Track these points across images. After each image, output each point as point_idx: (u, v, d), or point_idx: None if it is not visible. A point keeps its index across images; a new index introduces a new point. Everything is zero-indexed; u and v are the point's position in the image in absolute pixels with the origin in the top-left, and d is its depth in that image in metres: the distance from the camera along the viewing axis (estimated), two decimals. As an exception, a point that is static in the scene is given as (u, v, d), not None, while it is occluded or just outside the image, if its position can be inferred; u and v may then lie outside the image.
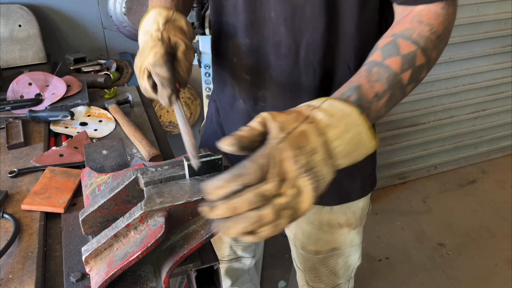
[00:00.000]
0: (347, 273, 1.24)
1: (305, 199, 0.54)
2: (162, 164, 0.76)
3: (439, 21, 0.71)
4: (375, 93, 0.65)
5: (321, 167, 0.55)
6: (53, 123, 1.25)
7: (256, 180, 0.52)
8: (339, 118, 0.58)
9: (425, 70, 0.70)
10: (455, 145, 2.87)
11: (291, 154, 0.54)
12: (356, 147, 0.59)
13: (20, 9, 1.65)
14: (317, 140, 0.56)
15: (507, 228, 2.43)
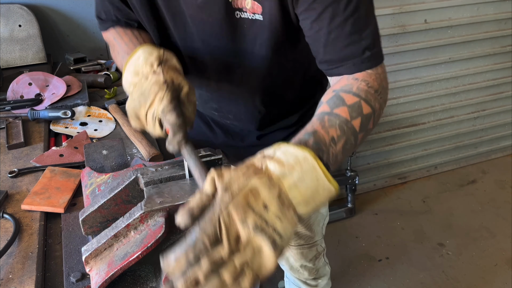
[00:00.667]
0: (319, 229, 1.33)
1: (266, 257, 0.53)
2: (162, 164, 0.77)
3: (372, 78, 0.75)
4: (331, 137, 0.66)
5: (276, 223, 0.54)
6: (53, 123, 1.24)
7: (209, 248, 0.51)
8: (292, 166, 0.57)
9: (371, 120, 0.72)
10: (455, 145, 2.87)
11: (238, 216, 0.53)
12: (315, 193, 0.58)
13: (20, 9, 1.65)
14: (269, 194, 0.55)
15: (507, 228, 2.43)
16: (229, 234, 0.52)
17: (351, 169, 2.44)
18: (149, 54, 0.81)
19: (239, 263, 0.52)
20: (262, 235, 0.52)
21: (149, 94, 0.77)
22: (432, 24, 2.35)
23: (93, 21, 1.88)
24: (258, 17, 0.83)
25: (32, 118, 1.24)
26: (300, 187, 0.57)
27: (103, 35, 1.03)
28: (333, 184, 0.59)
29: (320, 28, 0.77)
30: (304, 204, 0.57)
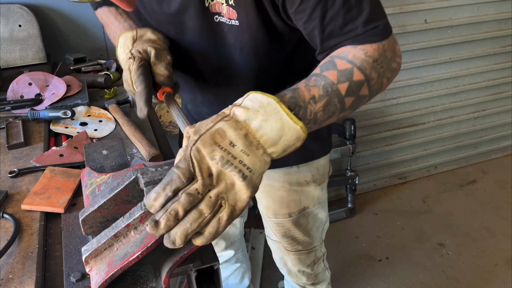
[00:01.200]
0: (318, 235, 1.35)
1: (238, 188, 0.58)
2: (162, 164, 0.76)
3: (373, 48, 0.75)
4: (311, 96, 0.68)
5: (243, 157, 0.59)
6: (53, 123, 1.24)
7: (185, 182, 0.57)
8: (257, 109, 0.62)
9: (365, 87, 0.73)
10: (455, 145, 2.87)
11: (206, 151, 0.58)
12: (282, 133, 0.62)
13: (20, 9, 1.65)
14: (234, 133, 0.60)
15: (507, 228, 2.43)
16: (201, 168, 0.58)
17: (351, 169, 2.44)
18: (125, 39, 0.91)
19: (214, 195, 0.57)
20: (231, 168, 0.58)
21: (126, 71, 0.88)
22: (432, 24, 2.35)
23: (93, 21, 1.88)
24: (234, 22, 0.84)
25: (32, 118, 1.24)
26: (265, 128, 0.61)
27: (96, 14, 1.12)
28: (298, 123, 0.62)
29: (313, 28, 0.78)
30: (272, 144, 0.61)
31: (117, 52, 0.94)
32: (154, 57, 0.87)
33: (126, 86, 0.90)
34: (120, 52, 0.93)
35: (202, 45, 0.93)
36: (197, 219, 0.56)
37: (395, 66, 0.79)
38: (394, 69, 0.79)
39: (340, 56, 0.74)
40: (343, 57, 0.74)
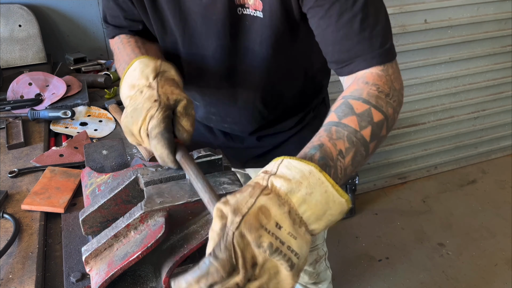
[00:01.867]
0: (320, 233, 1.31)
1: (283, 278, 0.51)
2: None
3: (382, 81, 0.73)
4: (338, 150, 0.62)
5: (291, 241, 0.51)
6: (53, 123, 1.25)
7: (224, 277, 0.49)
8: (299, 181, 0.54)
9: (385, 127, 0.70)
10: (455, 145, 2.87)
11: (252, 238, 0.50)
12: (326, 207, 0.55)
13: (20, 9, 1.65)
14: (279, 212, 0.52)
15: (507, 228, 2.43)
16: (245, 258, 0.50)
17: (351, 169, 2.44)
18: (145, 66, 0.78)
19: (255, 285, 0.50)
20: (279, 256, 0.50)
21: (141, 111, 0.74)
22: (432, 24, 2.35)
23: (93, 21, 1.88)
24: (258, 14, 0.83)
25: (32, 118, 1.24)
26: (309, 202, 0.54)
27: (110, 44, 1.04)
28: (344, 196, 0.56)
29: (327, 25, 0.76)
30: (316, 220, 0.54)
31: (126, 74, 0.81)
32: (183, 108, 0.76)
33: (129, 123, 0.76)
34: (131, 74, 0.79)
35: (220, 40, 0.89)
36: None
37: (401, 99, 0.77)
38: (401, 102, 0.77)
39: (354, 96, 0.70)
40: (357, 97, 0.70)
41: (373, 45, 0.75)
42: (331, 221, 0.56)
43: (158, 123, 0.72)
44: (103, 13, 1.02)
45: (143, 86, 0.77)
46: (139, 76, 0.78)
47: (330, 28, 0.76)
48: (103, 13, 1.02)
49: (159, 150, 0.72)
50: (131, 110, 0.76)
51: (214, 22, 0.87)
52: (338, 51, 0.78)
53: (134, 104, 0.76)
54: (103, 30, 1.91)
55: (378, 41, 0.75)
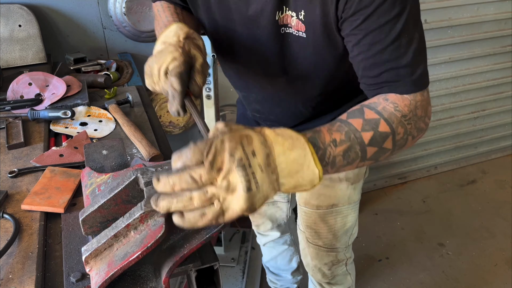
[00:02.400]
0: (344, 238, 1.35)
1: (236, 198, 0.56)
2: (162, 164, 0.76)
3: (404, 103, 0.75)
4: (332, 139, 0.67)
5: (257, 171, 0.57)
6: (53, 123, 1.24)
7: (193, 162, 0.56)
8: (285, 138, 0.61)
9: (389, 140, 0.72)
10: (455, 145, 2.87)
11: (229, 145, 0.57)
12: (300, 168, 0.60)
13: (20, 9, 1.65)
14: (260, 146, 0.58)
15: (507, 228, 2.43)
16: (215, 159, 0.56)
17: (351, 169, 2.44)
18: (179, 29, 0.88)
19: (211, 193, 0.56)
20: (242, 172, 0.56)
21: (166, 53, 0.83)
22: (432, 24, 2.35)
23: (93, 21, 1.88)
24: (301, 34, 0.88)
25: (32, 118, 1.24)
26: (287, 156, 0.60)
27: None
28: (318, 166, 0.61)
29: (359, 53, 0.80)
30: (287, 175, 0.60)
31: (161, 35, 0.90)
32: (199, 65, 0.86)
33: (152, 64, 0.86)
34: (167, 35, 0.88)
35: (265, 51, 0.96)
36: (184, 202, 0.56)
37: (423, 126, 0.79)
38: (421, 128, 0.79)
39: (369, 106, 0.74)
40: (372, 107, 0.74)
41: (400, 75, 0.77)
42: (299, 185, 0.61)
43: (179, 64, 0.82)
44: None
45: (172, 41, 0.86)
46: (172, 35, 0.87)
47: (361, 55, 0.79)
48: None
49: (175, 86, 0.80)
50: (157, 52, 0.86)
51: (259, 35, 0.93)
52: (365, 75, 0.81)
53: (162, 49, 0.86)
54: (103, 30, 1.91)
55: (406, 71, 0.77)
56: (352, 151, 0.69)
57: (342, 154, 0.67)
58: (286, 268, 1.82)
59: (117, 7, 1.83)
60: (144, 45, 1.97)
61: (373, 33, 0.76)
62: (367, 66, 0.80)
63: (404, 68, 0.77)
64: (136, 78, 1.74)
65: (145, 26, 1.88)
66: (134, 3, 1.83)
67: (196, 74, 0.85)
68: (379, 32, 0.75)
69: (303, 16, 0.85)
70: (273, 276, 1.87)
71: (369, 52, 0.78)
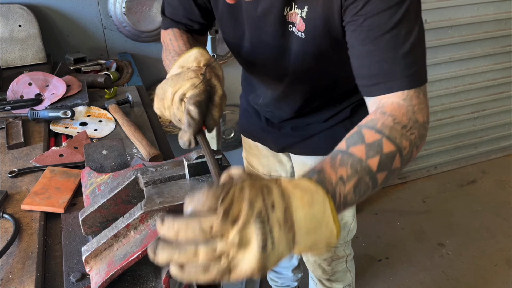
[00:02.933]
0: (342, 234, 1.35)
1: (248, 256, 0.48)
2: (162, 164, 0.76)
3: (401, 112, 0.71)
4: (339, 176, 0.61)
5: (276, 228, 0.49)
6: (53, 123, 1.24)
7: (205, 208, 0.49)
8: (304, 191, 0.54)
9: (397, 159, 0.67)
10: (455, 145, 2.87)
11: (249, 194, 0.50)
12: (318, 227, 0.53)
13: (20, 9, 1.65)
14: (279, 200, 0.51)
15: (507, 228, 2.43)
16: (231, 207, 0.49)
17: (351, 169, 2.44)
18: (201, 55, 0.82)
19: (220, 249, 0.48)
20: (259, 227, 0.48)
21: (184, 77, 0.77)
22: (432, 24, 2.35)
23: (93, 21, 1.88)
24: (300, 34, 0.89)
25: (32, 118, 1.24)
26: (307, 213, 0.53)
27: (161, 33, 1.08)
28: (336, 225, 0.55)
29: (356, 39, 0.77)
30: (304, 233, 0.52)
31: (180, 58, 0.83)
32: (219, 98, 0.79)
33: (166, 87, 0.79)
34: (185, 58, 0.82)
35: (272, 50, 0.97)
36: (187, 256, 0.48)
37: (424, 132, 0.73)
38: (423, 135, 0.73)
39: (368, 126, 0.69)
40: (371, 127, 0.69)
41: (395, 67, 0.74)
42: (315, 244, 0.54)
43: (199, 92, 0.76)
44: (162, 5, 1.08)
45: (192, 67, 0.80)
46: (192, 61, 0.81)
47: (357, 42, 0.77)
48: (162, 5, 1.08)
49: (193, 115, 0.74)
50: (173, 75, 0.79)
51: (266, 34, 0.94)
52: (361, 66, 0.78)
53: (179, 73, 0.79)
54: (103, 30, 1.91)
55: (402, 64, 0.74)
56: (362, 184, 0.63)
57: (352, 191, 0.61)
58: (287, 265, 1.82)
59: (117, 7, 1.83)
60: (144, 45, 1.97)
61: (373, 18, 0.74)
62: (363, 53, 0.76)
63: (401, 60, 0.74)
64: (136, 78, 1.73)
65: (145, 26, 1.88)
66: (134, 3, 1.83)
67: (214, 107, 0.78)
68: (379, 17, 0.74)
69: (305, 13, 0.85)
70: (274, 274, 1.87)
71: (367, 39, 0.75)
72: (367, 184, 0.63)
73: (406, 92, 0.73)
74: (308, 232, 0.53)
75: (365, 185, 0.63)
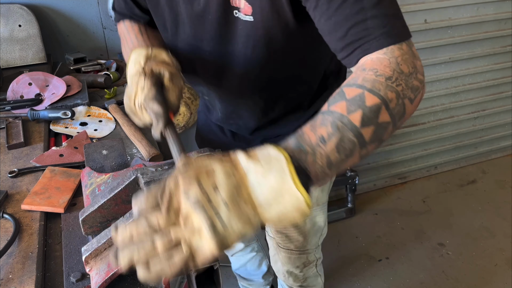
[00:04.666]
0: (314, 239, 1.31)
1: (204, 239, 0.50)
2: (162, 164, 0.76)
3: (383, 65, 0.66)
4: (318, 136, 0.59)
5: (221, 208, 0.51)
6: (53, 123, 1.24)
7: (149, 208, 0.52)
8: (259, 161, 0.54)
9: (384, 112, 0.62)
10: (455, 145, 2.87)
11: (183, 185, 0.52)
12: (278, 196, 0.53)
13: (20, 9, 1.65)
14: (224, 180, 0.52)
15: (507, 228, 2.43)
16: (170, 202, 0.52)
17: (351, 169, 2.44)
18: (138, 55, 0.86)
19: (175, 236, 0.50)
20: (201, 212, 0.50)
21: (132, 86, 0.82)
22: (432, 24, 2.35)
23: (93, 21, 1.88)
24: (248, 18, 0.82)
25: (32, 118, 1.24)
26: (261, 183, 0.53)
27: (117, 27, 1.11)
28: (301, 191, 0.53)
29: (320, 16, 0.73)
30: (265, 204, 0.53)
31: (127, 68, 0.89)
32: (168, 80, 0.82)
33: (126, 101, 0.85)
34: (130, 68, 0.87)
35: (212, 44, 0.92)
36: (145, 249, 0.50)
37: (416, 83, 0.67)
38: (416, 87, 0.67)
39: (348, 84, 0.65)
40: (351, 84, 0.65)
41: (369, 28, 0.68)
42: (283, 214, 0.54)
43: (147, 91, 0.80)
44: (113, 1, 1.09)
45: (134, 71, 0.84)
46: (133, 65, 0.85)
47: (323, 17, 0.72)
48: (113, 1, 1.10)
49: (155, 109, 0.78)
50: (127, 89, 0.85)
51: (209, 23, 0.88)
52: (334, 40, 0.73)
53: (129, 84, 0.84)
54: (103, 30, 1.91)
55: (375, 23, 0.68)
56: (345, 141, 0.59)
57: (335, 150, 0.59)
58: (256, 273, 1.81)
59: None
60: (144, 45, 1.97)
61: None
62: (332, 27, 0.71)
63: (371, 20, 0.68)
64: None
65: (145, 26, 1.88)
66: (134, 3, 1.83)
67: (169, 91, 0.82)
68: None
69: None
70: (245, 281, 1.86)
71: (329, 11, 0.70)
72: (352, 141, 0.60)
73: (385, 49, 0.68)
74: (269, 203, 0.53)
75: (349, 142, 0.60)
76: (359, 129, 0.60)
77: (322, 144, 0.58)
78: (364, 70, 0.66)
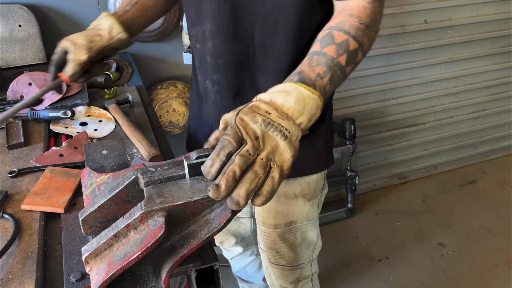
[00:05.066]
0: (307, 253, 1.31)
1: (282, 149, 0.63)
2: (162, 164, 0.76)
3: (366, 13, 0.84)
4: (317, 73, 0.76)
5: (280, 121, 0.65)
6: (53, 123, 1.24)
7: (236, 146, 0.62)
8: (279, 90, 0.70)
9: (360, 53, 0.83)
10: (455, 145, 2.87)
11: (248, 118, 0.64)
12: (304, 103, 0.70)
13: (20, 9, 1.65)
14: (267, 107, 0.67)
15: (507, 228, 2.43)
16: (248, 132, 0.63)
17: (351, 169, 2.44)
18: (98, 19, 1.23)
19: (264, 157, 0.62)
20: (272, 128, 0.64)
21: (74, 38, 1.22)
22: (432, 24, 2.35)
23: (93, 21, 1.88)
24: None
25: (32, 118, 1.24)
26: (289, 101, 0.69)
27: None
28: (315, 93, 0.71)
29: None
30: (299, 114, 0.69)
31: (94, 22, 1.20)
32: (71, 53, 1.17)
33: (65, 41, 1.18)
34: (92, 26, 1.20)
35: None
36: (254, 179, 0.60)
37: (379, 27, 0.88)
38: (378, 30, 0.88)
39: (337, 28, 0.83)
40: (340, 29, 0.82)
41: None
42: (311, 115, 0.70)
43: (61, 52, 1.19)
44: None
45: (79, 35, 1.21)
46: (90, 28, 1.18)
47: None
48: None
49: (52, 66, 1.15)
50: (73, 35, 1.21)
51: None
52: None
53: None
54: (103, 30, 1.91)
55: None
56: (335, 76, 0.78)
57: (329, 83, 0.77)
58: (256, 275, 1.80)
59: (117, 7, 1.83)
60: (144, 45, 1.97)
61: None
62: None
63: None
64: (136, 78, 1.74)
65: (145, 26, 1.87)
66: (134, 3, 1.82)
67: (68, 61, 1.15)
68: None
69: None
70: (246, 284, 1.86)
71: None
72: (339, 76, 0.80)
73: None
74: (301, 112, 0.69)
75: (337, 77, 0.79)
76: (344, 68, 0.80)
77: (319, 79, 0.76)
78: (351, 16, 0.84)
